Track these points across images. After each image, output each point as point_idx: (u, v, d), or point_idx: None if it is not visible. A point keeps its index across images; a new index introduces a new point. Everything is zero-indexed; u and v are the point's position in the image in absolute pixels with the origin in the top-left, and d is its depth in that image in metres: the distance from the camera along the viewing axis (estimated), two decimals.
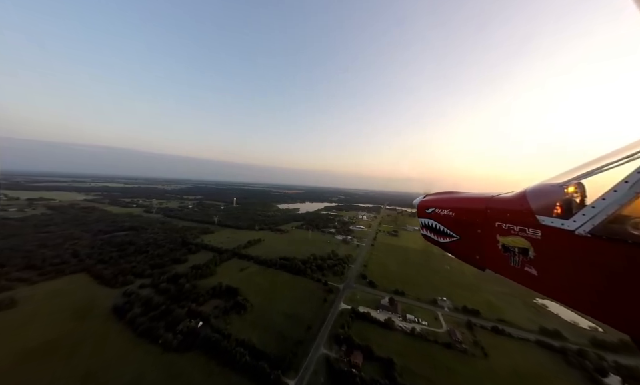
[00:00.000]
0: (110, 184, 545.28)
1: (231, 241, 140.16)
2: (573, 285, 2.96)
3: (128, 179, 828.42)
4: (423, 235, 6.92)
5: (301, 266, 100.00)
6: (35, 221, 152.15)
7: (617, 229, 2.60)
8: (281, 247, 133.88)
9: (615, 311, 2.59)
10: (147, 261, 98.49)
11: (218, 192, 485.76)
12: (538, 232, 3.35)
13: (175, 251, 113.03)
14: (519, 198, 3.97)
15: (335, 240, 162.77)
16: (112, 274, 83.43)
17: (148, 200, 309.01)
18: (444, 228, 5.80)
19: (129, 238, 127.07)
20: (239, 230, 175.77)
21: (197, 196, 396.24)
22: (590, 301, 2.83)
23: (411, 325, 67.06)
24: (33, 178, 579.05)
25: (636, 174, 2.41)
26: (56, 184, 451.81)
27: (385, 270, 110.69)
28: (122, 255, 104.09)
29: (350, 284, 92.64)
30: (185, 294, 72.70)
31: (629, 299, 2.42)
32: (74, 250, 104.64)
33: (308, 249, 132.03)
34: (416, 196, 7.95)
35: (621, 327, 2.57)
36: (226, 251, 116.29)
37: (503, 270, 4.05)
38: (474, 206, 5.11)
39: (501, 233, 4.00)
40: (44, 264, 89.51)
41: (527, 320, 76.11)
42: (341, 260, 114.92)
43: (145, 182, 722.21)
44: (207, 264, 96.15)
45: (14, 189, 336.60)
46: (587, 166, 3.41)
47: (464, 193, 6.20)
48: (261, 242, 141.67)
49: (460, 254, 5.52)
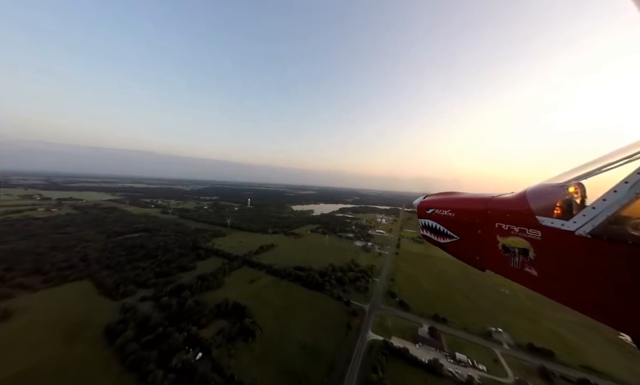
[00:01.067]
0: (135, 184, 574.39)
1: (243, 246, 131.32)
2: (573, 285, 2.95)
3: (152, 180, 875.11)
4: (423, 235, 6.77)
5: (319, 279, 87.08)
6: (57, 221, 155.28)
7: (617, 230, 2.59)
8: (296, 254, 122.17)
9: (615, 311, 2.58)
10: (154, 267, 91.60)
11: (233, 193, 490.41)
12: (538, 233, 3.33)
13: (183, 256, 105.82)
14: (519, 199, 3.94)
15: (354, 246, 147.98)
16: (114, 283, 76.64)
17: (166, 201, 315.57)
18: (444, 228, 5.71)
19: (140, 241, 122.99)
20: (252, 233, 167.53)
21: (212, 197, 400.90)
22: (590, 301, 2.81)
23: (464, 370, 51.24)
24: (70, 179, 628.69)
25: (636, 175, 2.41)
26: (87, 184, 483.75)
27: (417, 286, 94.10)
28: (130, 259, 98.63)
29: (377, 304, 77.90)
30: (187, 312, 62.99)
31: (629, 299, 2.42)
32: (84, 254, 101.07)
33: (325, 257, 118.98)
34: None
35: (621, 327, 2.59)
36: (236, 258, 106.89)
37: (503, 271, 4.04)
38: (474, 206, 5.04)
39: (501, 234, 3.99)
40: (51, 268, 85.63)
41: (623, 368, 56.39)
42: (364, 272, 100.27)
43: (167, 183, 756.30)
44: (214, 273, 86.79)
45: (51, 189, 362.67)
46: (587, 167, 3.38)
47: (464, 194, 6.09)
48: (273, 247, 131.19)
49: (460, 254, 5.44)
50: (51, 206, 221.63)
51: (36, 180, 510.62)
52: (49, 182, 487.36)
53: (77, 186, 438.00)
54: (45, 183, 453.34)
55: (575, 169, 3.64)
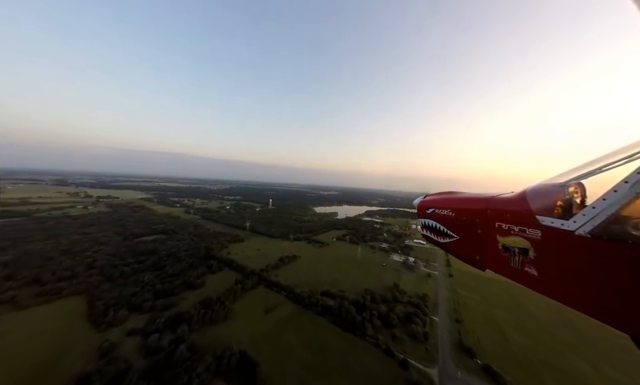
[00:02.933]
0: (168, 184, 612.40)
1: (261, 255, 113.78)
2: (573, 285, 2.95)
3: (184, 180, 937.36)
4: (423, 235, 6.78)
5: (356, 316, 63.70)
6: (85, 220, 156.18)
7: (617, 229, 2.59)
8: (322, 270, 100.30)
9: (615, 311, 2.59)
10: (157, 282, 77.57)
11: (256, 193, 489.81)
12: (538, 233, 3.32)
13: (193, 268, 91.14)
14: (518, 199, 3.92)
15: (392, 261, 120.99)
16: (105, 305, 62.98)
17: (192, 200, 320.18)
18: (444, 228, 5.69)
19: (153, 246, 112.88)
20: (272, 239, 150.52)
21: (236, 197, 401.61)
22: (590, 301, 2.82)
23: None
24: (116, 178, 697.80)
25: (636, 174, 2.42)
26: (128, 183, 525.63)
27: (500, 336, 64.67)
28: (136, 269, 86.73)
29: (448, 368, 51.56)
30: (177, 363, 44.85)
31: (629, 299, 2.42)
32: (92, 260, 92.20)
33: (359, 277, 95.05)
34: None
35: (621, 327, 2.57)
36: (251, 274, 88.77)
37: (503, 271, 4.04)
38: (474, 206, 5.02)
39: (501, 233, 3.98)
40: (51, 278, 76.34)
41: None
42: (415, 305, 74.04)
43: (196, 182, 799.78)
44: (222, 298, 68.97)
45: (97, 187, 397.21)
46: (587, 167, 3.39)
47: (464, 193, 6.05)
48: (295, 259, 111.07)
49: (460, 254, 5.43)
50: (89, 204, 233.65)
51: (89, 179, 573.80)
52: (98, 181, 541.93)
53: (119, 184, 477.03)
54: (93, 182, 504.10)
55: (574, 169, 3.61)
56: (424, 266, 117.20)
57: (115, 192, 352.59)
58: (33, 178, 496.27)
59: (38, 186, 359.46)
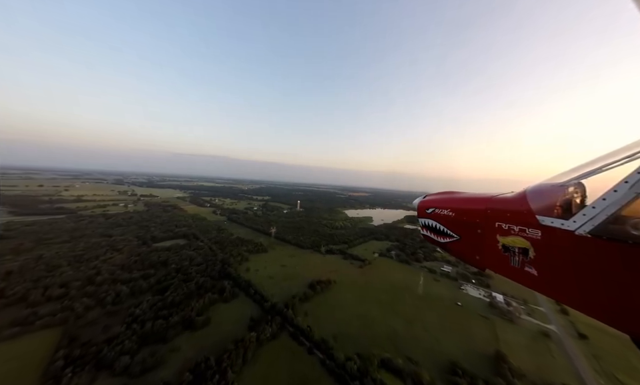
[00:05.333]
0: (205, 183, 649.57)
1: (286, 275, 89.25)
2: (573, 285, 2.94)
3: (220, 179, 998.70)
4: (423, 235, 6.57)
5: None
6: (116, 220, 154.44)
7: (617, 229, 2.58)
8: (370, 309, 70.08)
9: (615, 311, 2.58)
10: (151, 314, 58.18)
11: (284, 194, 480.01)
12: (538, 232, 3.30)
13: (201, 292, 70.70)
14: (519, 198, 3.88)
15: (469, 298, 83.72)
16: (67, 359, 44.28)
17: (222, 200, 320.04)
18: (444, 228, 5.59)
19: (167, 255, 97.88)
20: (300, 250, 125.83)
21: (264, 197, 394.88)
22: (590, 301, 2.82)
23: None
24: (164, 178, 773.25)
25: (636, 174, 2.40)
26: (172, 183, 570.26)
27: None
28: (135, 290, 70.02)
29: None
30: None
31: (629, 299, 2.42)
32: (96, 272, 79.13)
33: (431, 328, 62.37)
34: None
35: (620, 327, 2.57)
36: (272, 310, 63.83)
37: (503, 270, 3.99)
38: (474, 206, 4.95)
39: (501, 233, 3.94)
40: (41, 297, 63.19)
41: None
42: None
43: (230, 182, 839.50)
44: (225, 361, 44.76)
45: (144, 186, 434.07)
46: (587, 166, 3.37)
47: (464, 193, 5.95)
48: (330, 286, 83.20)
49: (460, 254, 5.34)
50: (130, 202, 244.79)
51: (142, 179, 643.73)
52: (148, 180, 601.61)
53: (164, 184, 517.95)
54: (144, 181, 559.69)
55: (574, 169, 3.59)
56: (524, 310, 77.40)
57: (158, 190, 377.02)
58: (99, 177, 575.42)
59: (100, 185, 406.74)
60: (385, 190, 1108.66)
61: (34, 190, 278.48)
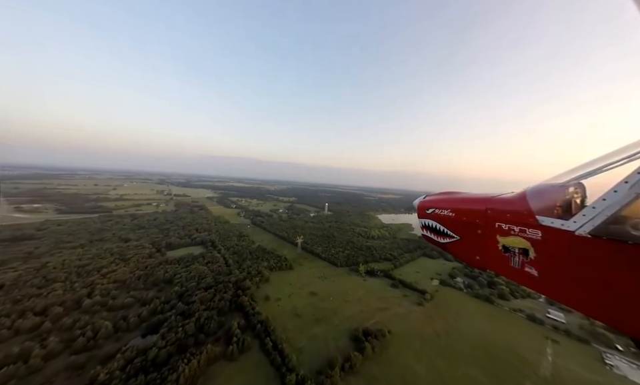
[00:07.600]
0: (235, 184, 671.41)
1: (317, 314, 64.06)
2: (573, 285, 2.94)
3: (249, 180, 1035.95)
4: (423, 235, 6.61)
5: None
6: (141, 221, 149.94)
7: (617, 229, 2.56)
8: None
9: (615, 311, 2.56)
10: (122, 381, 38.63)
11: (310, 195, 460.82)
12: (538, 233, 3.30)
13: (201, 339, 49.94)
14: (519, 199, 3.91)
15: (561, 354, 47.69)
16: None
17: (249, 200, 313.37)
18: (444, 228, 5.60)
19: (174, 270, 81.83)
20: (332, 269, 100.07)
21: (290, 198, 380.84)
22: (590, 301, 2.81)
23: None
24: (201, 179, 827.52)
25: (636, 174, 2.39)
26: (206, 183, 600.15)
27: None
28: (120, 326, 52.59)
29: None
30: None
31: (629, 299, 2.41)
32: (90, 291, 65.15)
33: None
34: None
35: (621, 327, 2.55)
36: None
37: (504, 271, 4.04)
38: (474, 206, 4.96)
39: (501, 233, 3.97)
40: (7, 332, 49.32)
41: None
42: None
43: (258, 183, 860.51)
44: None
45: (181, 186, 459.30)
46: (587, 167, 3.37)
47: (464, 193, 5.94)
48: (384, 342, 55.06)
49: (460, 254, 5.36)
50: (163, 202, 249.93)
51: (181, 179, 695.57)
52: (187, 180, 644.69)
53: (199, 184, 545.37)
54: (182, 181, 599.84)
55: (574, 169, 3.59)
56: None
57: (192, 190, 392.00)
58: (146, 177, 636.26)
59: (144, 184, 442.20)
60: (416, 192, 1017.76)
61: (88, 189, 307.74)
